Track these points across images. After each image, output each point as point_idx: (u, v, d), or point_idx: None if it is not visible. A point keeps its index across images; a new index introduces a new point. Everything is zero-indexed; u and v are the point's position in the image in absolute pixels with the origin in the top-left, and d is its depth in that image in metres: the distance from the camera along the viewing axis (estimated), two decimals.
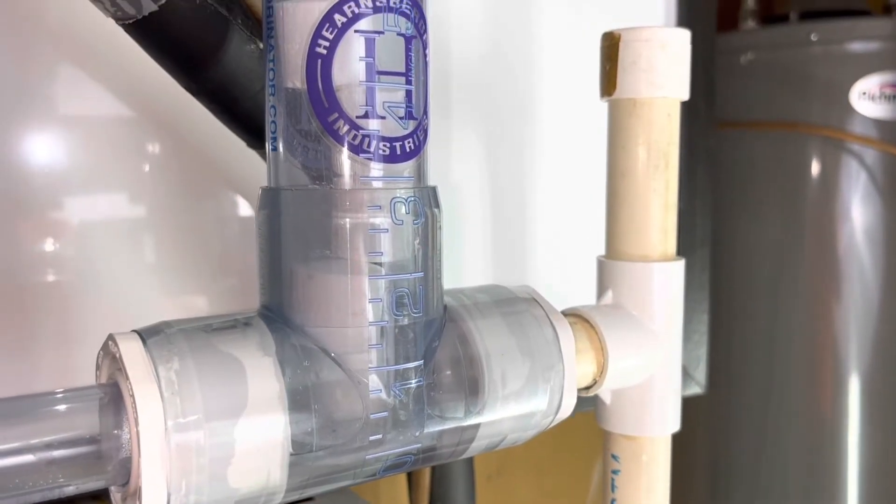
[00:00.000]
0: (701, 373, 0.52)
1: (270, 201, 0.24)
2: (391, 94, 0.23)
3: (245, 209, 0.46)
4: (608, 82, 0.30)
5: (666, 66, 0.29)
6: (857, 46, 0.87)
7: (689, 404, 0.38)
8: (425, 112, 0.24)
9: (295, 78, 0.23)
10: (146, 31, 0.26)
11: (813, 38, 0.88)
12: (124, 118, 0.41)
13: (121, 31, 0.27)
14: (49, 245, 0.41)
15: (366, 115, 0.22)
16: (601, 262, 0.32)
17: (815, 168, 0.89)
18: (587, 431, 0.33)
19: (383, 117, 0.23)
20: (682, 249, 0.50)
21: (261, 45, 0.28)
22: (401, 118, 0.23)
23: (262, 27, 0.27)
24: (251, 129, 0.30)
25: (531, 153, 0.48)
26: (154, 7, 0.25)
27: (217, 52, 0.27)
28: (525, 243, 0.48)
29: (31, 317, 0.41)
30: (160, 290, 0.44)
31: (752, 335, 0.93)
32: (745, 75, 0.92)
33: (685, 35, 0.30)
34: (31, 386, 0.41)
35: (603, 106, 0.32)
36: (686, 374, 0.51)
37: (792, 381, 0.89)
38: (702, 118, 0.49)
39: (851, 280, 0.87)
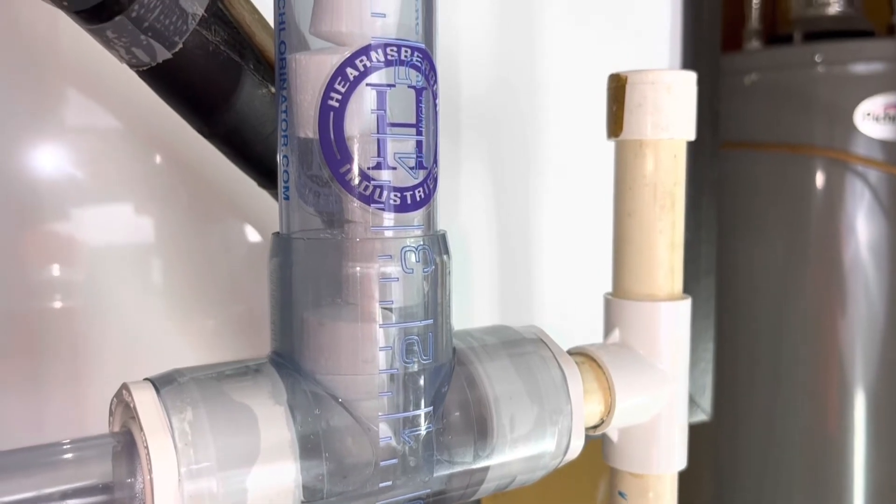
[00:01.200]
0: (706, 400, 0.52)
1: (282, 249, 0.24)
2: (402, 144, 0.23)
3: (253, 235, 0.46)
4: (615, 123, 0.31)
5: (672, 108, 0.30)
6: (861, 68, 0.87)
7: (694, 431, 0.38)
8: (435, 160, 0.24)
9: (307, 129, 0.23)
10: (160, 78, 0.27)
11: (817, 59, 0.88)
12: (134, 144, 0.41)
13: None
14: (59, 270, 0.42)
15: (377, 167, 0.23)
16: (608, 300, 0.32)
17: (819, 188, 0.89)
18: (592, 448, 0.33)
19: (394, 168, 0.23)
20: (688, 278, 0.50)
21: (272, 90, 0.28)
22: (411, 168, 0.23)
23: (273, 71, 0.28)
24: (263, 171, 0.30)
25: (536, 186, 0.49)
26: (168, 55, 0.26)
27: (230, 97, 0.27)
28: (532, 279, 0.48)
29: (41, 343, 0.41)
30: (168, 316, 0.44)
31: (757, 355, 0.93)
32: (748, 96, 0.93)
33: (691, 77, 0.30)
34: (43, 414, 0.41)
35: (610, 140, 0.32)
36: (692, 402, 0.51)
37: (797, 401, 0.89)
38: (706, 149, 0.49)
39: (856, 298, 0.87)
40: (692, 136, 0.31)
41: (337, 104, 0.22)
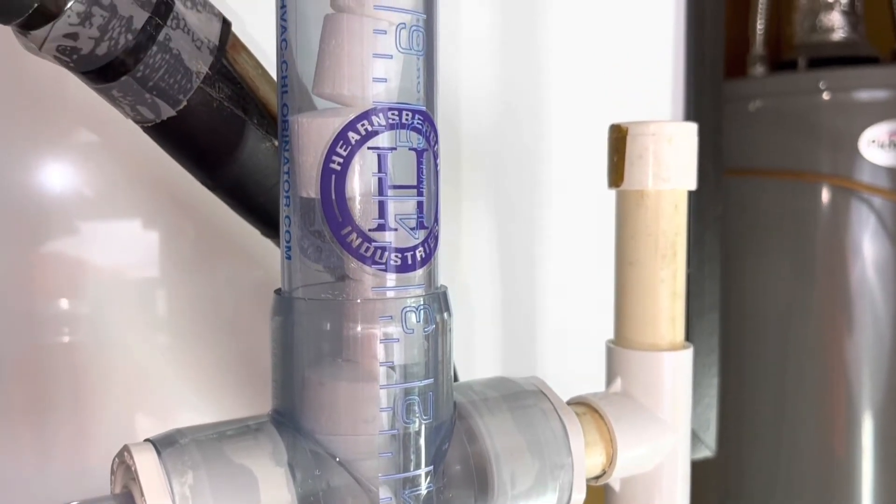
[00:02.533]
0: (711, 436, 0.51)
1: (284, 309, 0.24)
2: (403, 205, 0.23)
3: (258, 271, 0.46)
4: (616, 174, 0.31)
5: (673, 159, 0.30)
6: (865, 95, 0.88)
7: (698, 465, 0.38)
8: (436, 219, 0.25)
9: (309, 189, 0.23)
10: (164, 134, 0.27)
11: (821, 86, 0.88)
12: (142, 179, 0.41)
13: None
14: (65, 303, 0.42)
15: (378, 228, 0.23)
16: (610, 348, 0.32)
17: (825, 214, 0.89)
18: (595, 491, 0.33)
19: (395, 229, 0.23)
20: (692, 315, 0.50)
21: (275, 143, 0.29)
22: (412, 229, 0.24)
23: (276, 124, 0.28)
24: (266, 221, 0.30)
25: (540, 228, 0.49)
26: (172, 112, 0.26)
27: (233, 152, 0.28)
28: (535, 326, 0.48)
29: (45, 375, 0.41)
30: (172, 350, 0.44)
31: (762, 380, 0.92)
32: (753, 122, 0.93)
33: (692, 128, 0.31)
34: (47, 454, 0.41)
35: (611, 190, 0.32)
36: (696, 438, 0.51)
37: (804, 424, 0.89)
38: (710, 185, 0.49)
39: (863, 320, 0.87)
40: (693, 186, 0.31)
41: (338, 167, 0.23)
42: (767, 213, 0.93)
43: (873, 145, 0.87)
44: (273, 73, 0.27)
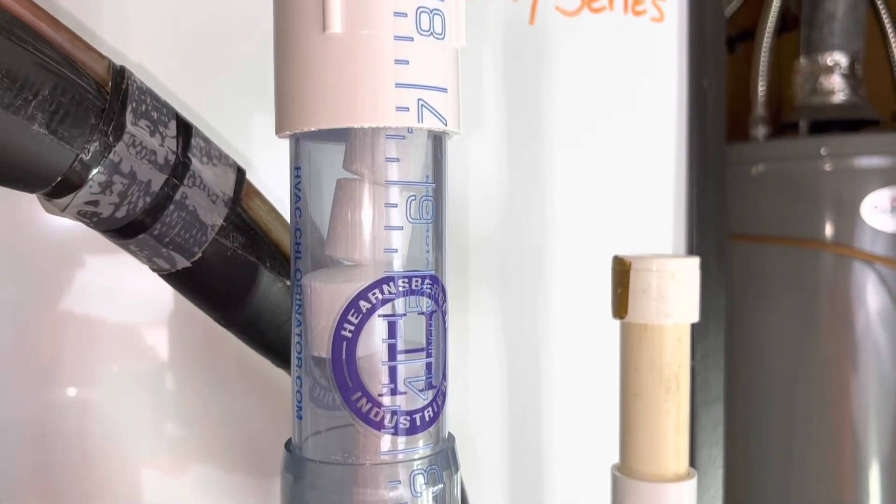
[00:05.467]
0: None
1: (294, 468, 0.24)
2: (412, 368, 0.24)
3: (263, 361, 0.47)
4: (619, 306, 0.31)
5: (675, 294, 0.30)
6: (866, 161, 0.88)
7: None
8: (444, 375, 0.25)
9: (321, 350, 0.24)
10: (179, 281, 0.28)
11: (822, 151, 0.89)
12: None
13: None
14: (72, 391, 0.42)
15: (388, 393, 0.23)
16: (615, 476, 0.32)
17: (827, 282, 0.89)
18: None
19: (404, 392, 0.24)
20: (696, 407, 0.50)
21: (287, 283, 0.29)
22: (421, 390, 0.24)
23: (289, 264, 0.29)
24: (278, 354, 0.31)
25: (548, 355, 0.49)
26: (187, 263, 0.27)
27: (246, 295, 0.28)
28: (542, 451, 0.48)
29: (55, 469, 0.41)
30: (178, 443, 0.44)
31: (769, 436, 0.91)
32: (756, 186, 0.94)
33: (694, 263, 0.31)
34: None
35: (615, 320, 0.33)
36: None
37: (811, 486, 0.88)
38: (713, 279, 0.50)
39: (871, 383, 0.86)
40: (696, 319, 0.31)
41: (350, 334, 0.23)
42: (770, 277, 0.93)
43: (876, 211, 0.87)
44: (282, 210, 0.28)
